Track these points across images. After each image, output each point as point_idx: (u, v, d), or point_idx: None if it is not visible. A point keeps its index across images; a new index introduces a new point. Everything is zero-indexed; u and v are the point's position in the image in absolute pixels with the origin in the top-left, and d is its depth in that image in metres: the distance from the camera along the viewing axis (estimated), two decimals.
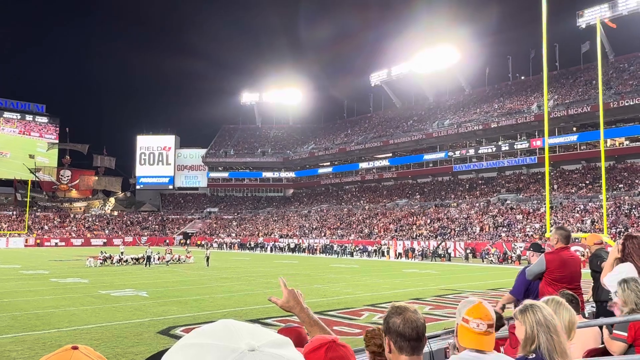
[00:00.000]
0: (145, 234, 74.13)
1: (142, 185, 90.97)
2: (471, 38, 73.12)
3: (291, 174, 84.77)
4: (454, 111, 67.68)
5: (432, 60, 69.13)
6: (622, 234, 32.82)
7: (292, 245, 54.10)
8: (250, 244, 58.70)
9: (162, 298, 16.48)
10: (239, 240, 63.37)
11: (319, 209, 70.82)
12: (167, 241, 67.29)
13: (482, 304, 2.05)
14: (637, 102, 46.57)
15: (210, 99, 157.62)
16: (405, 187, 67.41)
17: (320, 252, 49.84)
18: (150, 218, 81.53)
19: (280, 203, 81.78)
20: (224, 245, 61.32)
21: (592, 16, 53.86)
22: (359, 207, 65.72)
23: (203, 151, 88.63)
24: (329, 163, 79.35)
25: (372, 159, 73.23)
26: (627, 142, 49.45)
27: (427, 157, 64.96)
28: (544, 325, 2.23)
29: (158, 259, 34.32)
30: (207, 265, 31.23)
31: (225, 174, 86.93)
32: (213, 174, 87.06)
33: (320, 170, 79.90)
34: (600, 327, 3.69)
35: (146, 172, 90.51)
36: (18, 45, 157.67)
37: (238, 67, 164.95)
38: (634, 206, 40.58)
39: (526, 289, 5.13)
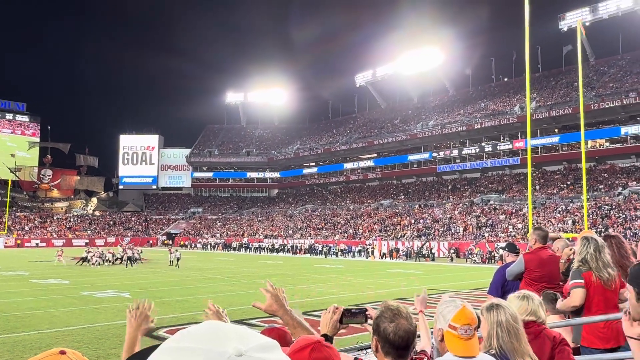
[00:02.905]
0: (128, 234, 73.38)
1: (125, 185, 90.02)
2: (455, 40, 73.72)
3: (276, 174, 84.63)
4: (438, 112, 68.16)
5: (416, 61, 69.52)
6: (602, 233, 33.35)
7: (276, 246, 53.99)
8: (234, 245, 58.46)
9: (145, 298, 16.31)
10: (224, 240, 63.06)
11: (303, 209, 70.78)
12: (131, 241, 66.63)
13: (467, 308, 2.06)
14: (617, 104, 47.37)
15: (194, 99, 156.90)
16: (390, 188, 67.70)
17: (305, 253, 49.82)
18: (133, 218, 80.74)
19: (265, 203, 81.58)
20: (208, 246, 60.98)
21: (573, 19, 54.66)
22: (344, 208, 65.84)
23: (187, 151, 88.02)
24: (314, 163, 79.38)
25: (356, 159, 73.41)
26: (608, 143, 50.26)
27: (412, 157, 65.33)
28: (504, 327, 2.28)
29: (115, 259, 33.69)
30: (177, 267, 30.74)
31: (210, 174, 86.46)
32: (197, 174, 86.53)
33: (305, 171, 79.90)
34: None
35: (129, 172, 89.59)
36: None
37: (223, 66, 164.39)
38: (613, 206, 41.25)
39: (503, 288, 5.19)
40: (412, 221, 53.01)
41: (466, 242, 42.71)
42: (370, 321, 2.03)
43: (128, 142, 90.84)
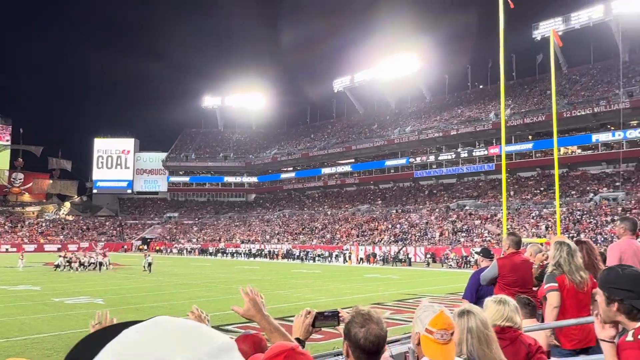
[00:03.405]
0: (102, 239, 72.07)
1: (99, 190, 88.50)
2: (432, 47, 74.56)
3: (253, 179, 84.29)
4: (415, 118, 68.82)
5: (394, 67, 70.14)
6: (574, 238, 34.00)
7: (253, 251, 53.69)
8: (211, 250, 57.93)
9: (118, 305, 16.05)
10: (200, 245, 62.44)
11: (281, 214, 70.59)
12: (102, 245, 65.56)
13: (444, 313, 2.07)
14: (588, 112, 48.50)
15: (171, 102, 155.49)
16: (367, 193, 68.00)
17: (282, 258, 49.63)
18: (107, 223, 79.36)
19: (242, 208, 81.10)
20: (184, 251, 60.30)
21: (546, 29, 55.84)
22: (321, 212, 65.86)
23: (163, 155, 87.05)
24: (291, 168, 79.29)
25: (334, 164, 73.59)
26: (579, 150, 51.39)
27: (389, 163, 65.77)
28: (474, 334, 2.32)
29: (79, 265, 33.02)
30: (145, 270, 30.45)
31: (186, 179, 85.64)
32: (173, 178, 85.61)
33: (283, 175, 79.77)
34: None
35: (104, 175, 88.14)
36: None
37: (200, 70, 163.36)
38: (585, 212, 42.15)
39: (478, 293, 5.27)
40: (390, 226, 53.30)
41: (442, 247, 43.12)
42: (343, 324, 2.03)
43: (103, 146, 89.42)
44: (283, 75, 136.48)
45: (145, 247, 66.73)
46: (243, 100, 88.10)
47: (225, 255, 54.91)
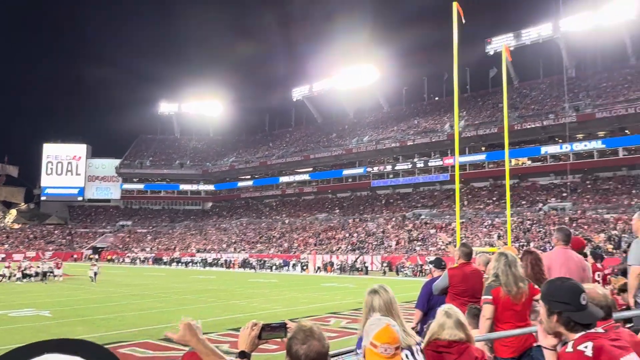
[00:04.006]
0: (50, 248, 69.29)
1: (48, 197, 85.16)
2: (390, 58, 75.87)
3: (210, 187, 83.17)
4: (373, 128, 69.69)
5: (352, 78, 70.93)
6: (524, 247, 35.13)
7: (209, 260, 52.86)
8: (165, 259, 56.68)
9: (66, 317, 15.44)
10: (154, 255, 60.98)
11: (238, 223, 69.87)
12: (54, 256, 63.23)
13: (389, 327, 2.09)
14: (538, 125, 50.38)
15: (126, 108, 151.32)
16: (325, 202, 68.23)
17: (238, 267, 49.07)
18: (56, 232, 76.41)
19: (199, 216, 79.81)
20: (137, 261, 58.75)
21: (499, 44, 57.80)
22: (279, 221, 65.58)
23: (117, 162, 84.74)
24: (249, 176, 78.73)
25: (292, 173, 73.53)
26: (530, 162, 53.23)
27: (347, 172, 66.27)
28: (382, 308, 2.70)
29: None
30: (93, 281, 29.57)
31: (141, 186, 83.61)
32: (127, 186, 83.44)
33: (241, 184, 79.08)
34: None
35: (53, 182, 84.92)
36: None
37: (156, 76, 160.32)
38: (534, 222, 43.63)
39: (429, 302, 5.36)
40: (347, 235, 53.60)
41: (398, 256, 43.66)
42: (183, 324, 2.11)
43: (53, 151, 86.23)
44: (242, 83, 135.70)
45: (96, 256, 64.58)
46: (201, 107, 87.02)
47: (180, 264, 53.85)
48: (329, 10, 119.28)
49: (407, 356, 2.54)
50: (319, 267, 43.35)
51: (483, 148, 55.49)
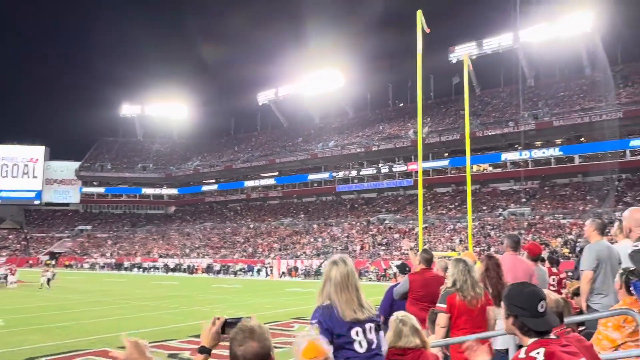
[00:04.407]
0: (4, 254, 66.71)
1: (2, 200, 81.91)
2: (355, 64, 76.46)
3: (174, 191, 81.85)
4: (339, 133, 70.07)
5: (318, 83, 71.20)
6: (485, 252, 35.91)
7: (172, 265, 51.98)
8: (126, 265, 55.41)
9: (20, 326, 14.87)
10: (114, 260, 59.53)
11: (202, 227, 68.99)
12: None
13: (315, 343, 2.06)
14: (498, 132, 51.69)
15: (86, 109, 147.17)
16: (291, 206, 68.11)
17: (202, 272, 48.41)
18: (10, 236, 73.66)
19: (161, 221, 78.38)
20: (97, 266, 57.24)
21: (461, 52, 59.03)
22: (244, 226, 65.09)
23: (77, 164, 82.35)
24: (214, 180, 77.86)
25: (258, 177, 73.17)
26: (491, 168, 54.54)
27: (312, 177, 66.37)
28: (333, 282, 2.85)
29: None
30: (49, 288, 28.65)
31: (101, 190, 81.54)
32: (87, 189, 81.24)
33: (205, 188, 78.10)
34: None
35: (8, 185, 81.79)
36: None
37: (118, 77, 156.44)
38: (495, 227, 44.67)
39: (392, 307, 5.41)
40: (312, 240, 53.62)
41: (363, 261, 43.91)
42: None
43: (8, 153, 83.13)
44: (207, 86, 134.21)
45: (53, 262, 62.56)
46: (164, 109, 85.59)
47: (141, 270, 52.75)
48: (295, 15, 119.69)
49: (357, 333, 2.56)
50: (283, 272, 43.20)
51: (446, 154, 56.51)
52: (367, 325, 2.63)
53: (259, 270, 44.83)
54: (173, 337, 12.39)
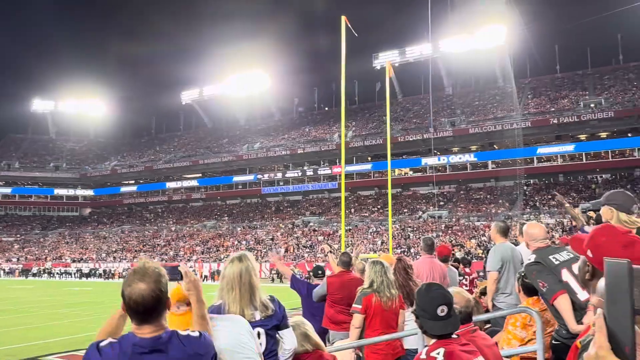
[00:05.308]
0: None
1: None
2: (282, 67, 76.58)
3: (89, 192, 77.76)
4: (264, 135, 69.76)
5: (244, 84, 70.54)
6: (405, 253, 37.13)
7: (86, 270, 49.40)
8: (35, 270, 51.95)
9: None
10: (22, 265, 55.62)
11: (119, 230, 66.11)
12: None
13: (180, 287, 2.27)
14: (418, 137, 53.64)
15: None
16: (214, 208, 66.90)
17: (119, 277, 46.34)
18: None
19: (75, 223, 74.21)
20: (2, 272, 53.24)
21: (384, 59, 60.78)
22: (165, 228, 63.10)
23: None
24: (133, 181, 74.80)
25: (180, 178, 71.23)
26: (411, 172, 56.48)
27: (237, 179, 65.59)
28: (229, 280, 2.81)
29: None
30: None
31: (7, 190, 75.88)
32: None
33: (123, 189, 74.82)
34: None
35: None
36: None
37: (29, 70, 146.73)
38: (415, 229, 46.30)
39: (313, 309, 5.47)
40: (236, 242, 52.95)
41: (287, 263, 43.85)
42: (188, 279, 2.22)
43: None
44: (128, 83, 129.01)
45: None
46: (81, 106, 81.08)
47: (52, 276, 49.71)
48: (221, 15, 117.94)
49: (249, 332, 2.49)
50: (205, 276, 42.33)
51: (369, 158, 57.86)
52: (256, 330, 2.54)
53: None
54: (85, 346, 11.75)
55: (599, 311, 1.08)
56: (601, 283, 1.29)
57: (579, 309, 3.14)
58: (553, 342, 3.42)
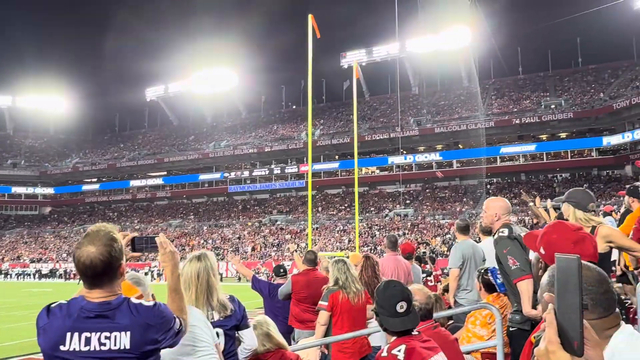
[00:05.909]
0: None
1: None
2: (249, 64, 75.79)
3: (49, 190, 75.41)
4: (231, 133, 69.14)
5: (211, 81, 69.67)
6: (371, 251, 37.44)
7: (45, 271, 47.96)
8: None
9: None
10: None
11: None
12: None
13: (128, 282, 2.26)
14: (385, 136, 54.12)
15: None
16: (180, 207, 65.93)
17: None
18: None
19: (34, 223, 71.90)
20: None
21: (352, 58, 61.04)
22: (129, 228, 61.68)
23: None
24: (95, 179, 72.95)
25: (145, 176, 69.88)
26: (378, 170, 56.93)
27: (203, 177, 64.78)
28: (195, 277, 2.80)
29: None
30: None
31: None
32: None
33: (85, 187, 72.89)
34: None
35: None
36: None
37: None
38: (381, 227, 46.71)
39: (275, 309, 5.45)
40: (202, 241, 52.33)
41: (254, 262, 43.68)
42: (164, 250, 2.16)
43: None
44: (90, 78, 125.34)
45: None
46: (40, 101, 78.43)
47: (8, 277, 48.08)
48: (186, 11, 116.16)
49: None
50: None
51: (337, 156, 58.03)
52: (215, 330, 2.50)
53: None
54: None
55: (550, 306, 1.10)
56: (544, 278, 1.32)
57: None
58: (510, 329, 3.40)
